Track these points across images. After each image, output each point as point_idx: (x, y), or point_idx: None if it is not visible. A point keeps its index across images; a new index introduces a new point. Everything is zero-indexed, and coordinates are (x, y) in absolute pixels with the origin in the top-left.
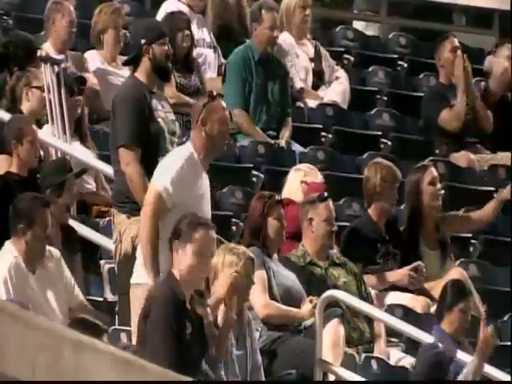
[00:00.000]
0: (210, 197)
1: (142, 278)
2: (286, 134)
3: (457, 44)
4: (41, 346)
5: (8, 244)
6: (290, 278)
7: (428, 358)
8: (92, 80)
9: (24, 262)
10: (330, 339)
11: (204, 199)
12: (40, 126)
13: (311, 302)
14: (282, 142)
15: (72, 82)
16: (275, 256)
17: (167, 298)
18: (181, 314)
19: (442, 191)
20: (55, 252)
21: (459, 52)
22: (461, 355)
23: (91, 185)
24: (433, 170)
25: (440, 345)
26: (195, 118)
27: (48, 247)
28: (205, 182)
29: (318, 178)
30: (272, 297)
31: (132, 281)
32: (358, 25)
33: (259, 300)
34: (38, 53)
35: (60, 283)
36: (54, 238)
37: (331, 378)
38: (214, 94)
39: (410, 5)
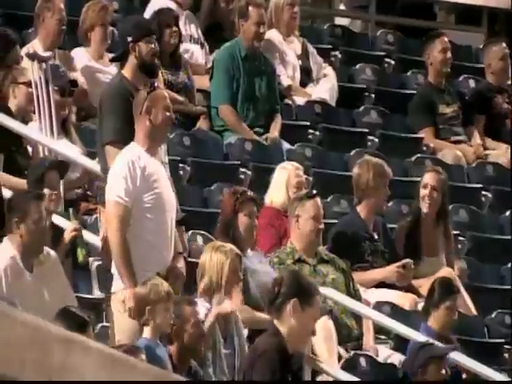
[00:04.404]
0: (199, 194)
1: (117, 286)
2: (276, 129)
3: (447, 45)
4: (29, 343)
5: (5, 240)
6: (271, 275)
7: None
8: (79, 78)
9: (21, 259)
10: (323, 336)
11: (161, 184)
12: (26, 123)
13: None
14: (271, 137)
15: (64, 83)
16: (251, 253)
17: (273, 351)
18: (284, 368)
19: (433, 196)
20: (52, 252)
21: (449, 53)
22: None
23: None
24: (431, 174)
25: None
26: (138, 109)
27: (45, 248)
28: (157, 167)
29: (302, 176)
30: (249, 298)
31: (112, 289)
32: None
33: None
34: (25, 50)
35: (56, 282)
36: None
37: (316, 374)
38: (156, 83)
39: (399, 2)
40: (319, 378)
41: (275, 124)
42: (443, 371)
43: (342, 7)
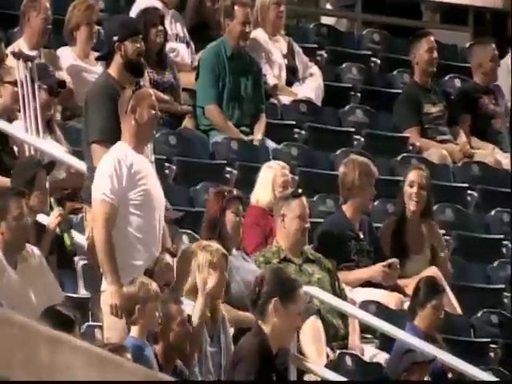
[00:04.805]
0: (185, 193)
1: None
2: (260, 130)
3: (434, 44)
4: (17, 342)
5: None
6: (255, 273)
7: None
8: (65, 78)
9: (4, 255)
10: (311, 336)
11: (149, 181)
12: (11, 122)
13: None
14: (256, 140)
15: (53, 82)
16: (236, 252)
17: (254, 353)
18: (266, 368)
19: (421, 194)
20: (36, 250)
21: (435, 53)
22: (434, 351)
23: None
24: (416, 171)
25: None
26: (124, 108)
27: (28, 245)
28: (145, 165)
29: (288, 175)
30: (231, 297)
31: (102, 288)
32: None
33: None
34: (11, 49)
35: (41, 280)
36: (30, 237)
37: (303, 374)
38: (141, 82)
39: (385, 1)
40: (306, 378)
41: (259, 125)
42: (426, 378)
43: (328, 6)
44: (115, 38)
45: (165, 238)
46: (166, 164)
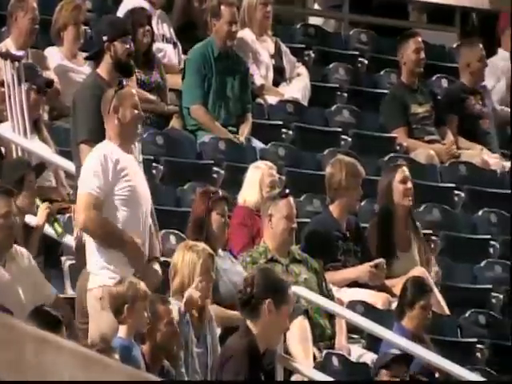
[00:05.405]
0: (172, 193)
1: (93, 283)
2: (245, 130)
3: (421, 45)
4: (4, 342)
5: None
6: (241, 275)
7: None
8: (53, 78)
9: None
10: (298, 336)
11: (135, 178)
12: None
13: None
14: (242, 139)
15: (41, 82)
16: (222, 253)
17: (243, 352)
18: (255, 368)
19: (412, 189)
20: (23, 249)
21: (422, 53)
22: (421, 351)
23: (51, 181)
24: (404, 169)
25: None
26: (106, 108)
27: (16, 245)
28: (131, 162)
29: (275, 175)
30: (218, 297)
31: (88, 286)
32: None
33: None
34: None
35: (30, 279)
36: (18, 238)
37: (291, 374)
38: (124, 82)
39: (373, 2)
40: (293, 378)
41: (245, 125)
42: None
43: (315, 7)
44: (105, 38)
45: (153, 244)
46: (154, 164)
